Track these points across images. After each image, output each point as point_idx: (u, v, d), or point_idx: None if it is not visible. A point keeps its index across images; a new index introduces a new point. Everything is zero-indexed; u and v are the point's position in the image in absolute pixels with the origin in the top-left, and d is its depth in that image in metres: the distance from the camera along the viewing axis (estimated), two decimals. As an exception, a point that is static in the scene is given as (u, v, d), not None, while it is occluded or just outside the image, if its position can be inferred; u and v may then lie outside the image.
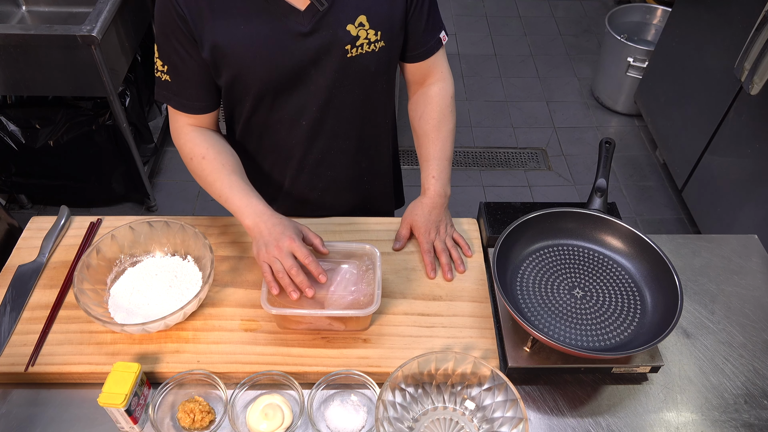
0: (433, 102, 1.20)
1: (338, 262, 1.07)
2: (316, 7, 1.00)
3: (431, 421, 0.94)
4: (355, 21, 1.03)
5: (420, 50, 1.15)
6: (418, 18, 1.10)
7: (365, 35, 1.05)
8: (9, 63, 2.00)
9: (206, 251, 1.06)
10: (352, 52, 1.06)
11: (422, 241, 1.16)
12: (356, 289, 1.03)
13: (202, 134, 1.12)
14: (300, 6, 1.00)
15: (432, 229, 1.17)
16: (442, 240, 1.17)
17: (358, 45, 1.05)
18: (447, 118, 1.21)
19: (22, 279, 1.10)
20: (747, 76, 2.01)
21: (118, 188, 2.46)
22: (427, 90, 1.21)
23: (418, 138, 1.23)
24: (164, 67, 1.06)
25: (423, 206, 1.18)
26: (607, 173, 1.13)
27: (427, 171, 1.20)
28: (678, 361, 1.04)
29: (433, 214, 1.18)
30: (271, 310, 0.96)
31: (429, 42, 1.15)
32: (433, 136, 1.20)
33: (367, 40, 1.05)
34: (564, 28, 3.72)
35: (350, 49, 1.05)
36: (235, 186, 1.07)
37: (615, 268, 1.08)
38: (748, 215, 2.14)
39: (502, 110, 3.16)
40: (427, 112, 1.20)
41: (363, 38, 1.05)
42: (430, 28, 1.13)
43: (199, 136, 1.12)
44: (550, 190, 2.75)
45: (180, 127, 1.13)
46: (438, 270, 1.14)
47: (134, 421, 0.91)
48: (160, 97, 1.10)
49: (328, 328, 1.03)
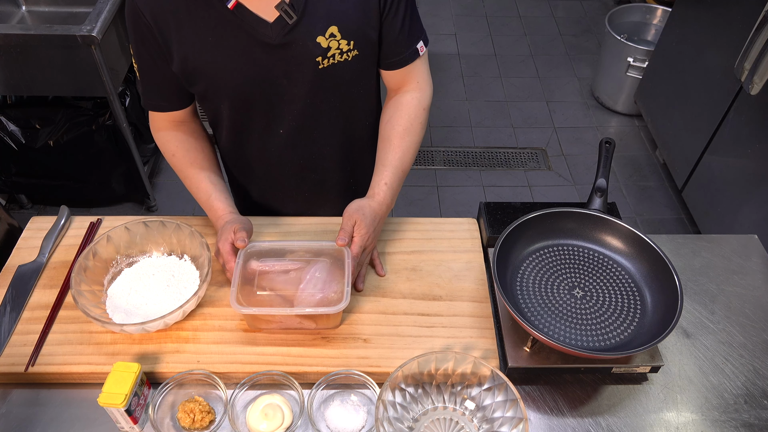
0: (404, 109, 1.15)
1: (308, 260, 1.06)
2: (285, 19, 0.98)
3: (431, 421, 0.94)
4: (326, 32, 1.01)
5: (393, 59, 1.12)
6: (392, 26, 1.06)
7: (337, 45, 1.03)
8: (9, 63, 2.00)
9: (203, 250, 1.06)
10: (324, 63, 1.04)
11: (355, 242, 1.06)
12: (326, 287, 1.03)
13: (173, 133, 1.16)
14: (269, 18, 0.99)
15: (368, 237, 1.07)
16: (368, 254, 1.11)
17: (330, 56, 1.04)
18: (414, 129, 1.16)
19: (22, 279, 1.10)
20: (747, 76, 2.01)
21: (118, 188, 2.47)
22: (401, 97, 1.17)
23: (381, 141, 1.17)
24: (135, 65, 1.08)
25: (371, 209, 1.09)
26: (607, 173, 1.13)
27: (380, 176, 1.13)
28: (678, 361, 1.04)
29: (377, 222, 1.10)
30: (241, 310, 0.96)
31: (403, 52, 1.11)
32: (396, 143, 1.14)
33: (339, 51, 1.04)
34: (564, 28, 3.72)
35: (321, 60, 1.04)
36: (201, 186, 1.15)
37: (615, 268, 1.08)
38: (748, 215, 2.14)
39: (502, 110, 3.16)
40: (395, 118, 1.15)
41: (335, 48, 1.03)
42: (405, 37, 1.09)
43: (169, 134, 1.16)
44: (550, 190, 2.75)
45: (156, 127, 1.18)
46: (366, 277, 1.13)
47: (134, 421, 0.91)
48: (139, 91, 1.13)
49: (299, 327, 1.03)
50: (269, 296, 1.02)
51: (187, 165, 1.16)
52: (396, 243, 1.19)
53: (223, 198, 1.14)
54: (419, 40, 1.12)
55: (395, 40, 1.09)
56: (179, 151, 1.16)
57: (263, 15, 0.98)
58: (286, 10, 0.97)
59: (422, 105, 1.17)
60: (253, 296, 1.02)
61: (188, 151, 1.16)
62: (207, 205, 1.15)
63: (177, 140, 1.16)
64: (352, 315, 1.06)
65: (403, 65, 1.13)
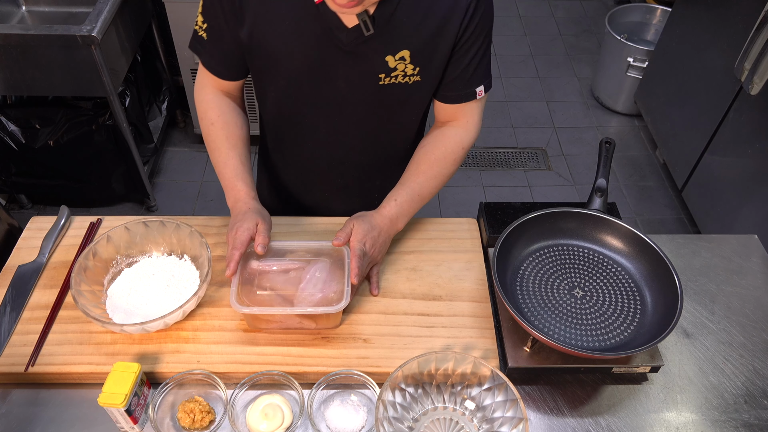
0: (444, 141, 1.14)
1: (308, 260, 1.07)
2: (362, 30, 0.96)
3: (431, 421, 0.94)
4: (397, 54, 1.00)
5: (450, 93, 1.10)
6: (459, 63, 1.05)
7: (403, 68, 1.02)
8: (9, 63, 2.00)
9: (203, 250, 1.06)
10: (385, 81, 1.04)
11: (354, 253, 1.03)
12: (326, 287, 1.03)
13: (218, 99, 1.14)
14: (347, 23, 0.98)
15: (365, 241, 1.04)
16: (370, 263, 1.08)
17: (393, 75, 1.03)
18: (447, 163, 1.14)
19: (22, 279, 1.10)
20: (747, 76, 2.01)
21: (118, 188, 2.46)
22: (445, 129, 1.16)
23: (410, 164, 1.16)
24: (204, 24, 1.05)
25: (371, 218, 1.08)
26: (607, 173, 1.13)
27: (393, 193, 1.12)
28: (678, 361, 1.04)
29: (377, 233, 1.07)
30: (241, 309, 0.96)
31: (462, 90, 1.09)
32: (422, 169, 1.13)
33: (403, 73, 1.03)
34: (564, 28, 3.72)
35: (383, 78, 1.03)
36: (230, 164, 1.11)
37: (615, 268, 1.08)
38: (748, 215, 2.14)
39: (502, 110, 3.16)
40: (432, 146, 1.14)
41: (400, 70, 1.03)
42: (468, 76, 1.07)
43: (215, 99, 1.14)
44: (550, 190, 2.75)
45: (203, 86, 1.15)
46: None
47: (134, 421, 0.91)
48: (193, 47, 1.10)
49: (299, 326, 1.03)
50: (269, 296, 1.02)
51: (223, 138, 1.13)
52: (396, 243, 1.19)
53: (249, 181, 1.11)
54: (482, 84, 1.10)
55: (458, 76, 1.07)
56: (219, 122, 1.13)
57: (344, 19, 0.97)
58: (366, 22, 0.95)
59: (463, 144, 1.15)
60: (253, 296, 1.02)
61: (227, 124, 1.13)
62: (231, 183, 1.11)
63: (220, 109, 1.14)
64: (352, 315, 1.06)
65: (457, 102, 1.12)
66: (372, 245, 1.07)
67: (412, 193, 1.12)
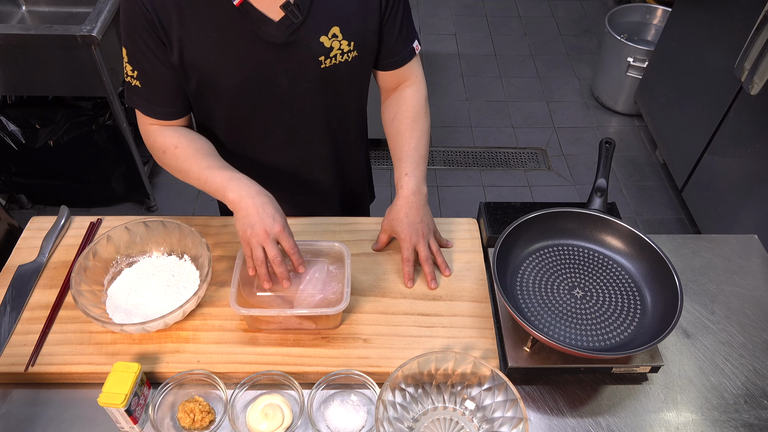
0: (407, 102, 1.19)
1: (308, 260, 1.06)
2: (290, 18, 0.99)
3: (431, 421, 0.94)
4: (329, 32, 1.02)
5: (393, 59, 1.15)
6: (391, 28, 1.10)
7: (339, 46, 1.04)
8: (9, 63, 2.00)
9: (203, 250, 1.06)
10: (326, 63, 1.05)
11: (404, 248, 1.11)
12: (326, 288, 1.03)
13: (170, 129, 1.10)
14: (274, 17, 0.99)
15: (412, 234, 1.11)
16: (426, 244, 1.12)
17: (332, 56, 1.05)
18: (421, 118, 1.18)
19: (22, 279, 1.10)
20: (747, 76, 2.01)
21: (118, 188, 2.46)
22: (401, 92, 1.20)
23: (392, 138, 1.19)
24: (134, 72, 1.03)
25: (398, 210, 1.12)
26: (607, 173, 1.13)
27: (401, 169, 1.14)
28: (678, 361, 1.04)
29: (411, 216, 1.11)
30: (240, 311, 0.96)
31: (402, 51, 1.15)
32: (407, 135, 1.17)
33: (340, 51, 1.05)
34: (564, 28, 3.72)
35: (324, 60, 1.05)
36: (214, 165, 1.04)
37: (615, 268, 1.08)
38: (748, 215, 2.14)
39: (502, 110, 3.16)
40: (401, 112, 1.18)
41: (336, 49, 1.04)
42: (403, 38, 1.13)
43: (168, 129, 1.10)
44: (550, 190, 2.75)
45: (149, 128, 1.10)
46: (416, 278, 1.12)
47: (134, 421, 0.91)
48: (130, 102, 1.08)
49: (299, 327, 1.03)
50: (269, 297, 1.02)
51: (193, 152, 1.06)
52: (396, 243, 1.19)
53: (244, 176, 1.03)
54: (414, 40, 1.17)
55: (395, 41, 1.12)
56: (182, 142, 1.07)
57: (268, 14, 0.99)
58: (292, 10, 0.98)
59: (423, 96, 1.21)
60: (253, 297, 1.02)
61: (192, 140, 1.08)
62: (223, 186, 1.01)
63: (177, 132, 1.09)
64: (352, 315, 1.06)
65: (401, 64, 1.17)
66: (416, 232, 1.11)
67: (413, 158, 1.15)
